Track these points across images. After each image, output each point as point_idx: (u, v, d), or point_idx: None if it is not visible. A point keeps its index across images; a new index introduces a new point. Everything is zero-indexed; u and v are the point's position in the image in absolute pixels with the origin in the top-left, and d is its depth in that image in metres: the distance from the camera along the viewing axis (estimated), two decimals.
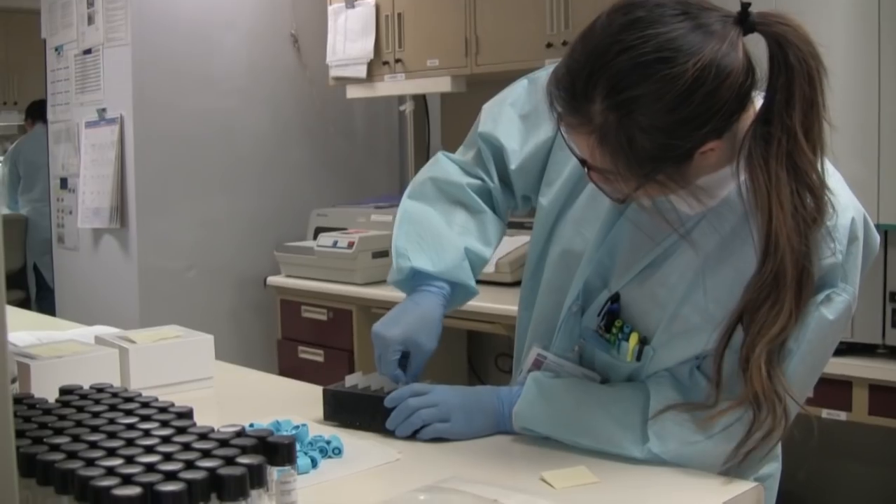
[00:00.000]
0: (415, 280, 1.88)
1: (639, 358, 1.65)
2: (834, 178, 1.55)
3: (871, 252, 1.59)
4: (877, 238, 1.60)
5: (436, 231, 1.90)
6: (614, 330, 1.67)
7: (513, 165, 1.90)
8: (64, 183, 5.49)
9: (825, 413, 3.04)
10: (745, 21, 1.44)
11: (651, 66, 1.38)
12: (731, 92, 1.39)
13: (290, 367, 4.61)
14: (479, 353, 4.96)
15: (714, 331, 1.55)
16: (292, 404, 1.96)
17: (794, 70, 1.43)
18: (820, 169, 1.47)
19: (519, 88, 1.93)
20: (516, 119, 1.91)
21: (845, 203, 1.54)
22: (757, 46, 1.45)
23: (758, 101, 1.48)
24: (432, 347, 1.81)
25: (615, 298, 1.68)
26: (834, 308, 1.52)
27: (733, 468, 1.57)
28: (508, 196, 1.95)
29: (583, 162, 1.52)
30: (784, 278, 1.46)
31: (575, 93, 1.43)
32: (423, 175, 1.99)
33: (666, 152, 1.42)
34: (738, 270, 1.53)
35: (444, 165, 1.99)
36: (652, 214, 1.58)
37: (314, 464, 1.59)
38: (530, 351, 1.81)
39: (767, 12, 1.45)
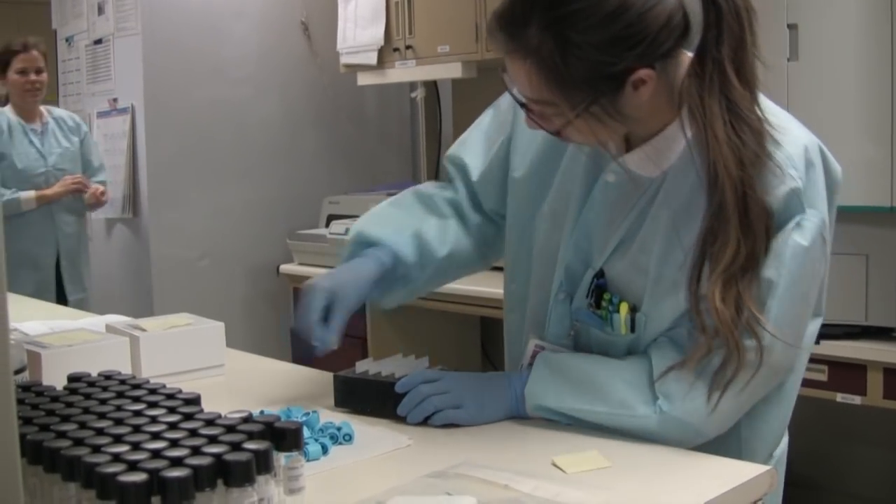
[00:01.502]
0: (358, 247, 1.90)
1: (633, 329, 1.65)
2: (782, 115, 1.61)
3: (834, 182, 1.62)
4: (837, 169, 1.63)
5: (393, 216, 1.94)
6: (604, 303, 1.69)
7: (475, 177, 1.94)
8: None
9: (839, 397, 3.03)
10: None
11: None
12: (660, 19, 1.47)
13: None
14: (492, 340, 4.95)
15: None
16: (303, 391, 1.96)
17: (722, 8, 1.48)
18: (755, 103, 1.52)
19: (485, 116, 1.98)
20: (481, 138, 1.96)
21: (796, 134, 1.58)
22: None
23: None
24: (353, 301, 1.81)
25: (600, 275, 1.70)
26: (806, 233, 1.54)
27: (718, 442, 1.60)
28: (480, 215, 1.98)
29: (522, 105, 1.59)
30: (727, 208, 1.49)
31: (514, 18, 1.52)
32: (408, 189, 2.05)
33: (598, 72, 1.49)
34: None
35: (427, 183, 2.06)
36: (618, 186, 1.65)
37: (325, 450, 1.58)
38: (528, 344, 1.81)
39: None
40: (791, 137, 1.56)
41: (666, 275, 1.61)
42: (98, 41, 5.17)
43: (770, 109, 1.58)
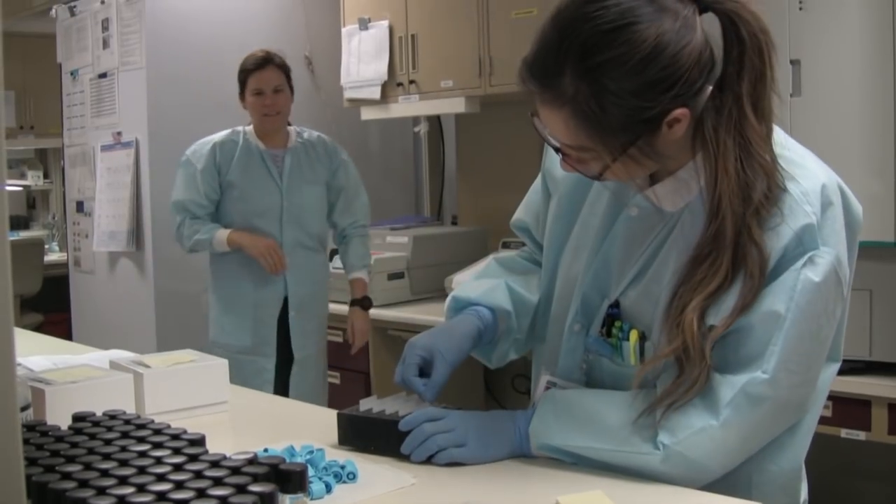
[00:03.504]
0: (454, 312, 1.94)
1: (642, 359, 1.65)
2: (800, 151, 1.62)
3: (854, 221, 1.61)
4: (858, 208, 1.63)
5: (481, 281, 1.98)
6: (614, 331, 1.70)
7: (538, 236, 1.98)
8: (80, 206, 5.51)
9: (844, 433, 3.02)
10: (700, 1, 1.52)
11: (614, 33, 1.47)
12: (692, 58, 1.48)
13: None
14: (495, 375, 4.94)
15: None
16: (307, 428, 1.95)
17: (746, 43, 1.51)
18: (768, 138, 1.55)
19: (537, 179, 2.00)
20: (534, 197, 2.00)
21: (814, 171, 1.58)
22: (712, 27, 1.52)
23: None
24: (454, 359, 1.81)
25: (614, 305, 1.71)
26: (818, 270, 1.52)
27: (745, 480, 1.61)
28: None
29: (557, 150, 1.60)
30: (724, 238, 1.52)
31: (546, 69, 1.52)
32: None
33: (636, 116, 1.50)
34: None
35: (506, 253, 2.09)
36: (640, 219, 1.67)
37: (328, 489, 1.58)
38: (540, 378, 1.81)
39: None
40: (809, 173, 1.57)
41: None
42: (103, 75, 5.19)
43: (788, 144, 1.61)
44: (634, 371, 1.66)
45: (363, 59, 4.74)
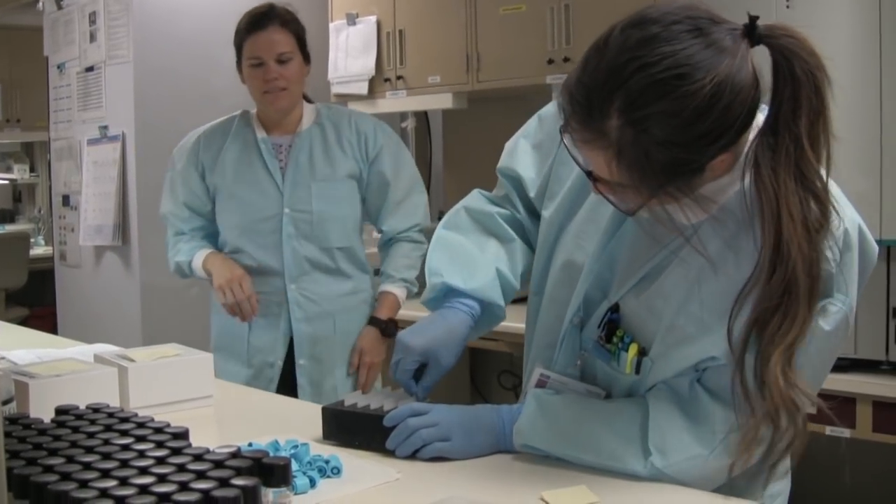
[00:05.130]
0: (446, 297, 1.88)
1: (637, 370, 1.65)
2: (832, 189, 1.54)
3: (869, 263, 1.59)
4: (874, 249, 1.59)
5: (468, 254, 1.92)
6: (615, 339, 1.68)
7: (532, 193, 1.92)
8: (66, 200, 5.49)
9: (829, 430, 3.02)
10: (753, 34, 1.44)
11: (668, 84, 1.38)
12: (743, 106, 1.41)
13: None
14: (481, 370, 4.94)
15: (708, 339, 1.55)
16: (292, 423, 1.95)
17: (801, 82, 1.43)
18: (825, 177, 1.47)
19: (531, 123, 1.96)
20: (530, 149, 1.94)
21: (839, 211, 1.52)
22: (757, 55, 1.45)
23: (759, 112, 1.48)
24: (450, 363, 1.81)
25: (615, 309, 1.68)
26: (831, 319, 1.51)
27: (744, 486, 1.60)
28: (538, 225, 1.96)
29: (588, 174, 1.53)
30: (796, 287, 1.44)
31: (591, 109, 1.44)
32: (458, 206, 2.03)
33: (681, 166, 1.43)
34: (731, 279, 1.52)
35: (477, 197, 2.03)
36: (651, 224, 1.58)
37: (313, 483, 1.58)
38: (533, 371, 1.80)
39: (774, 25, 1.45)
40: (834, 217, 1.50)
41: (679, 325, 1.59)
42: (89, 68, 5.17)
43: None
44: (628, 378, 1.67)
45: (351, 54, 4.73)
